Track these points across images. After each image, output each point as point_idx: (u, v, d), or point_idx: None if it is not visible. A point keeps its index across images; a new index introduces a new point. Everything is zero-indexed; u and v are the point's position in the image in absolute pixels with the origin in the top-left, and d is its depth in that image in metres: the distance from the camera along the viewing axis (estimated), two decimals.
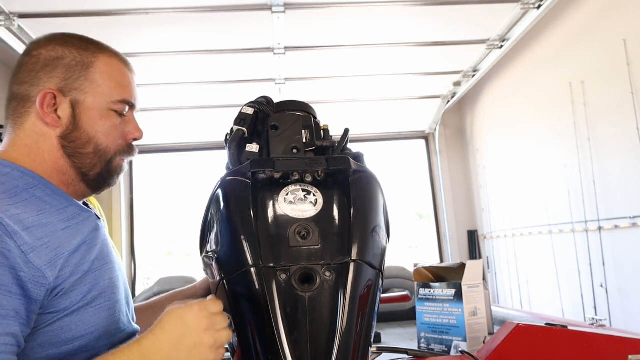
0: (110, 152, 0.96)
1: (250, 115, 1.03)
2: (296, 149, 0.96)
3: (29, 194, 0.85)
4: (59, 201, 0.90)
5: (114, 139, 0.96)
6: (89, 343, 0.84)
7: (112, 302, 0.91)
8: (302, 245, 0.82)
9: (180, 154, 4.52)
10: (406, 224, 5.96)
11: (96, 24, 2.41)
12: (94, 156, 0.94)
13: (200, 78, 3.18)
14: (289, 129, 0.99)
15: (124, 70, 1.01)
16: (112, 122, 0.95)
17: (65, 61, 0.92)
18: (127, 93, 0.98)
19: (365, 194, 0.91)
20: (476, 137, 4.23)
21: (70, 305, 0.82)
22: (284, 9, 2.38)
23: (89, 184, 0.96)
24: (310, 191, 0.89)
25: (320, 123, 1.10)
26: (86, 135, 0.92)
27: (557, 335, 0.97)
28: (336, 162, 0.91)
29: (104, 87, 0.94)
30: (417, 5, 2.50)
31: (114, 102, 0.95)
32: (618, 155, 2.48)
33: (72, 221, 0.89)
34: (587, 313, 2.72)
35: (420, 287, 1.39)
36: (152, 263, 6.24)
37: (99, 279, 0.89)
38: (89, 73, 0.93)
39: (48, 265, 0.79)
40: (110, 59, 0.98)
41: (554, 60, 3.01)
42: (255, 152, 0.97)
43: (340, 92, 3.58)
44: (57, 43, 0.94)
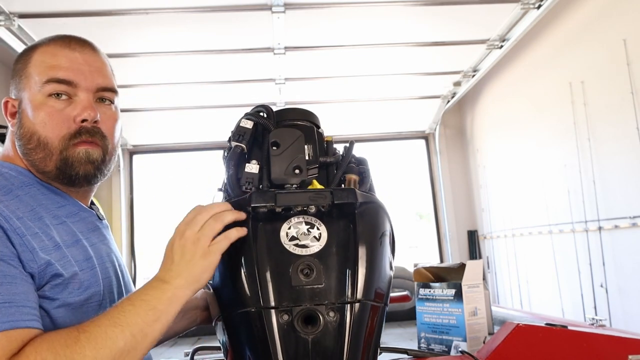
0: (53, 140, 0.88)
1: (250, 130, 0.96)
2: (298, 169, 0.90)
3: (23, 192, 0.87)
4: (55, 200, 0.91)
5: (53, 127, 0.88)
6: None
7: (107, 302, 0.92)
8: (304, 284, 0.79)
9: (180, 154, 4.52)
10: (406, 224, 5.95)
11: (96, 24, 2.41)
12: (39, 150, 0.89)
13: (200, 78, 3.18)
14: (291, 146, 0.92)
15: (62, 52, 0.92)
16: (49, 109, 0.89)
17: (17, 66, 0.94)
18: (57, 72, 0.89)
19: (372, 228, 0.87)
20: (476, 137, 4.24)
21: (66, 297, 0.84)
22: (284, 9, 2.38)
23: (56, 180, 0.91)
24: (313, 224, 0.84)
25: (324, 132, 1.04)
26: (27, 131, 0.89)
27: (557, 335, 0.97)
28: (341, 196, 0.85)
29: (34, 77, 0.90)
30: (417, 5, 2.50)
31: (43, 85, 0.89)
32: (618, 155, 2.48)
33: (68, 219, 0.90)
34: (587, 313, 2.72)
35: (420, 287, 1.39)
36: (152, 263, 6.24)
37: (95, 278, 0.90)
38: (27, 69, 0.91)
39: (41, 250, 0.81)
40: (47, 47, 0.92)
41: (554, 60, 3.01)
42: (255, 173, 0.91)
43: (340, 92, 3.59)
44: (22, 54, 0.95)
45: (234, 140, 0.97)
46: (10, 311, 0.73)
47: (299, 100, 3.60)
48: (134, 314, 0.76)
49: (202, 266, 0.80)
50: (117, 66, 1.11)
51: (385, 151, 4.91)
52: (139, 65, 2.92)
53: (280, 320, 0.77)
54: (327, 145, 1.00)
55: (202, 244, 0.80)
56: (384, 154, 4.95)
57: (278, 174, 0.90)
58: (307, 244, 0.82)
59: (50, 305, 0.82)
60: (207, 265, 0.80)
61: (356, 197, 0.85)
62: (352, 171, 0.97)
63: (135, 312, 0.76)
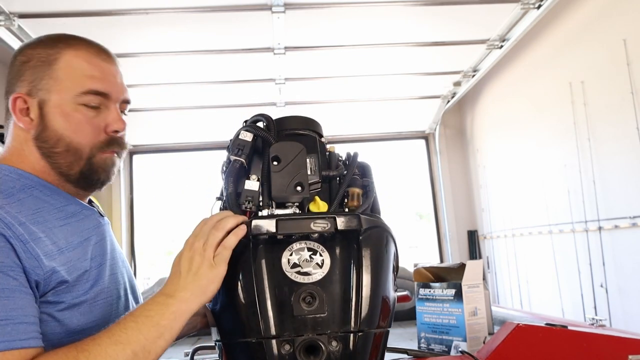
0: (85, 148, 0.92)
1: (249, 143, 0.93)
2: (300, 185, 0.87)
3: (25, 194, 0.87)
4: (58, 200, 0.91)
5: (85, 134, 0.91)
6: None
7: (113, 297, 0.93)
8: (306, 313, 0.77)
9: (180, 154, 4.52)
10: (406, 224, 5.95)
11: (96, 24, 2.41)
12: (67, 154, 0.91)
13: (200, 78, 3.18)
14: (292, 161, 0.89)
15: (95, 60, 0.95)
16: (81, 116, 0.91)
17: (31, 63, 0.92)
18: (94, 83, 0.92)
19: (376, 255, 0.84)
20: (476, 137, 4.24)
21: (71, 299, 0.83)
22: (284, 9, 2.38)
23: (74, 183, 0.94)
24: (316, 250, 0.82)
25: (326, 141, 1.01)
26: (55, 134, 0.90)
27: (557, 335, 0.97)
28: (346, 222, 0.82)
29: (67, 82, 0.91)
30: (417, 5, 2.50)
31: (80, 95, 0.91)
32: (618, 155, 2.48)
33: (71, 219, 0.90)
34: (587, 313, 2.72)
35: (420, 287, 1.39)
36: (152, 263, 6.24)
37: (101, 274, 0.90)
38: (52, 71, 0.91)
39: (45, 257, 0.80)
40: (77, 52, 0.93)
41: (554, 60, 3.01)
42: (255, 191, 0.88)
43: (340, 92, 3.58)
44: (29, 46, 0.94)
45: (233, 154, 0.93)
46: (6, 330, 0.72)
47: (299, 100, 3.60)
48: (136, 330, 0.75)
49: (208, 278, 0.79)
50: None
51: (385, 151, 4.91)
52: (139, 65, 2.92)
53: (282, 351, 0.75)
54: (330, 156, 0.97)
55: (207, 255, 0.80)
56: (384, 154, 4.95)
57: (279, 191, 0.87)
58: (310, 272, 0.80)
59: (55, 308, 0.82)
60: (213, 276, 0.79)
61: (360, 224, 0.83)
62: (355, 184, 0.94)
63: (138, 329, 0.75)
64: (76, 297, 0.84)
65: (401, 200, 5.38)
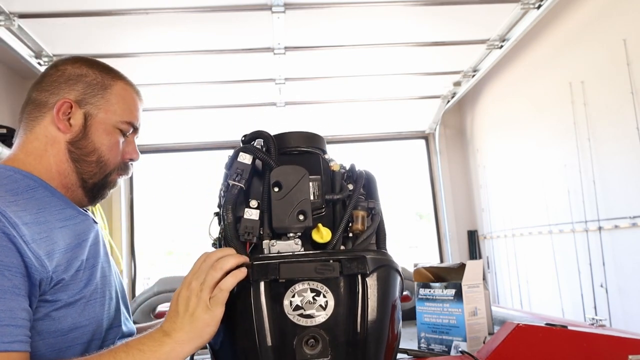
0: (110, 165, 1.05)
1: (249, 166, 0.89)
2: (303, 214, 0.84)
3: (29, 195, 0.91)
4: (57, 203, 0.96)
5: (114, 155, 1.06)
6: (83, 335, 0.90)
7: (105, 298, 0.96)
8: (309, 357, 0.75)
9: (180, 154, 4.52)
10: (406, 224, 5.95)
11: (96, 24, 2.41)
12: (96, 165, 1.03)
13: (200, 78, 3.18)
14: (295, 187, 0.85)
15: (135, 98, 1.11)
16: (116, 139, 1.05)
17: (88, 79, 1.04)
18: (134, 117, 1.09)
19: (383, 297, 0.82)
20: (476, 137, 4.23)
21: (67, 298, 0.87)
22: (284, 9, 2.38)
23: (86, 191, 1.03)
24: (319, 291, 0.79)
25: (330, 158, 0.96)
26: (92, 145, 1.02)
27: (557, 335, 0.97)
28: (351, 267, 0.79)
29: (116, 107, 1.05)
30: (417, 5, 2.50)
31: (122, 122, 1.05)
32: (618, 155, 2.48)
33: (69, 221, 0.95)
34: (587, 313, 2.72)
35: (420, 287, 1.39)
36: (152, 263, 6.24)
37: (94, 275, 0.94)
38: (106, 93, 1.04)
39: (46, 257, 0.84)
40: (127, 86, 1.09)
41: (554, 60, 3.01)
42: (255, 220, 0.85)
43: (340, 92, 3.58)
44: (84, 63, 1.06)
45: (232, 179, 0.89)
46: None
47: (299, 100, 3.60)
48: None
49: (204, 321, 0.78)
50: (117, 66, 1.13)
51: (385, 151, 4.91)
52: (139, 65, 2.92)
53: None
54: (334, 176, 0.93)
55: (203, 297, 0.79)
56: (384, 154, 4.95)
57: (280, 221, 0.84)
58: (313, 314, 0.78)
59: (52, 307, 0.85)
60: (209, 319, 0.78)
61: (366, 267, 0.80)
62: (360, 206, 0.91)
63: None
64: (71, 296, 0.87)
65: (401, 200, 5.38)
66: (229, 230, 0.86)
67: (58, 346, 0.86)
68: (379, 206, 0.94)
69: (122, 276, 3.99)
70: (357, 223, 0.90)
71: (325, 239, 0.86)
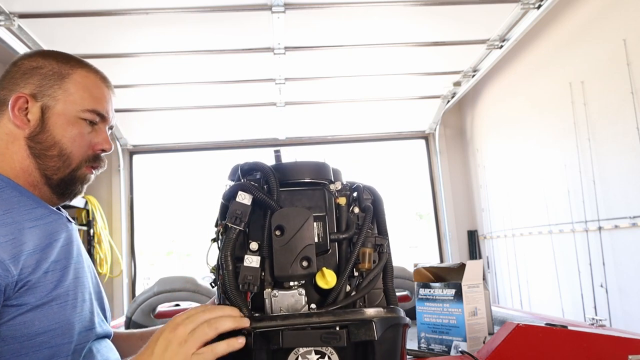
0: (75, 158, 1.00)
1: (249, 208, 0.83)
2: (307, 260, 0.80)
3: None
4: (27, 202, 0.94)
5: (79, 146, 1.00)
6: (51, 339, 0.87)
7: (77, 300, 0.93)
8: None
9: (180, 154, 4.52)
10: (406, 224, 5.96)
11: (96, 24, 2.41)
12: (58, 159, 0.98)
13: (200, 78, 3.18)
14: (298, 232, 0.80)
15: (100, 84, 1.05)
16: (80, 130, 1.00)
17: (43, 70, 1.00)
18: (98, 104, 1.02)
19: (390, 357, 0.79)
20: (476, 137, 4.23)
21: (35, 301, 0.84)
22: (284, 9, 2.38)
23: (52, 188, 0.99)
24: (324, 353, 0.77)
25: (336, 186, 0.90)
26: (52, 139, 0.97)
27: (557, 335, 0.97)
28: (358, 334, 0.76)
29: (75, 96, 1.00)
30: (417, 5, 2.50)
31: (84, 111, 1.00)
32: (618, 155, 2.48)
33: (39, 221, 0.93)
34: (587, 313, 2.72)
35: (420, 287, 1.39)
36: (152, 263, 6.24)
37: (64, 277, 0.91)
38: (64, 83, 1.00)
39: (12, 260, 0.82)
40: (88, 73, 1.03)
41: (554, 60, 3.01)
42: (256, 268, 0.80)
43: (340, 92, 3.58)
44: (40, 55, 1.02)
45: (230, 222, 0.83)
46: None
47: (299, 100, 3.60)
48: None
49: None
50: (117, 66, 1.14)
51: (385, 151, 4.91)
52: (139, 65, 2.92)
53: None
54: (340, 212, 0.88)
55: (186, 349, 0.74)
56: (384, 154, 4.95)
57: (283, 270, 0.80)
58: None
59: (19, 311, 0.83)
60: None
61: (375, 333, 0.76)
62: (368, 243, 0.87)
63: None
64: (39, 299, 0.85)
65: (401, 200, 5.38)
66: (228, 280, 0.81)
67: (23, 351, 0.83)
68: (388, 241, 0.90)
69: (122, 276, 3.99)
70: (364, 261, 0.86)
71: (330, 284, 0.83)
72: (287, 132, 4.18)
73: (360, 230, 0.87)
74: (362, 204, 0.92)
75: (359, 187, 0.93)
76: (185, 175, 5.48)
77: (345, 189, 0.92)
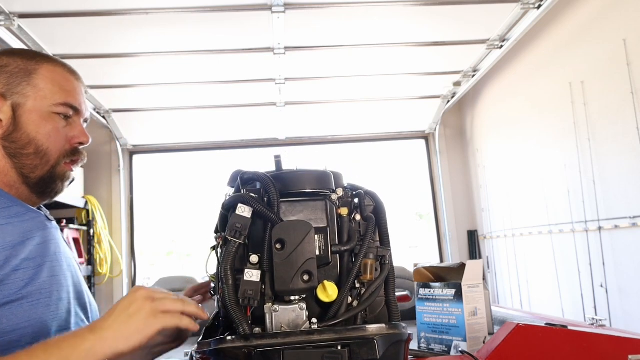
0: (52, 154, 0.98)
1: (249, 220, 0.82)
2: (308, 274, 0.79)
3: None
4: (1, 201, 0.93)
5: (55, 142, 0.98)
6: (21, 338, 0.85)
7: (52, 299, 0.91)
8: None
9: (180, 154, 4.52)
10: (406, 224, 5.96)
11: (96, 24, 2.41)
12: (35, 157, 0.96)
13: (200, 78, 3.18)
14: (299, 246, 0.79)
15: (69, 77, 1.03)
16: (54, 124, 0.98)
17: (9, 68, 0.98)
18: (70, 97, 1.00)
19: None
20: (476, 137, 4.24)
21: (2, 298, 0.83)
22: (284, 9, 2.38)
23: (31, 187, 0.98)
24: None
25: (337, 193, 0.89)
26: (26, 136, 0.95)
27: (557, 335, 0.97)
28: (361, 352, 0.75)
29: (45, 91, 0.98)
30: (417, 5, 2.50)
31: (56, 105, 0.98)
32: (618, 155, 2.48)
33: (14, 219, 0.92)
34: (587, 313, 2.72)
35: (420, 287, 1.39)
36: (152, 263, 6.24)
37: (38, 275, 0.90)
38: (31, 79, 0.98)
39: None
40: (55, 67, 1.01)
41: (554, 60, 3.01)
42: (256, 282, 0.79)
43: (340, 92, 3.58)
44: (4, 54, 1.00)
45: (230, 235, 0.81)
46: None
47: (299, 100, 3.60)
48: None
49: (137, 326, 0.74)
50: (117, 66, 1.13)
51: (385, 151, 4.91)
52: (139, 65, 2.92)
53: None
54: (342, 223, 0.87)
55: (153, 305, 0.75)
56: (384, 154, 4.95)
57: (284, 284, 0.78)
58: None
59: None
60: (144, 327, 0.74)
61: (377, 352, 0.75)
62: (370, 254, 0.86)
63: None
64: (7, 297, 0.84)
65: (401, 200, 5.38)
66: (228, 294, 0.80)
67: None
68: (390, 252, 0.89)
69: (122, 276, 3.99)
70: (366, 273, 0.85)
71: (332, 298, 0.82)
72: (287, 132, 4.18)
73: (362, 242, 0.86)
74: (364, 213, 0.91)
75: (360, 194, 0.92)
76: (185, 175, 5.48)
77: (346, 195, 0.91)
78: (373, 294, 0.86)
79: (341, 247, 0.86)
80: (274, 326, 0.81)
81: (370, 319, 0.88)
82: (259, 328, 0.82)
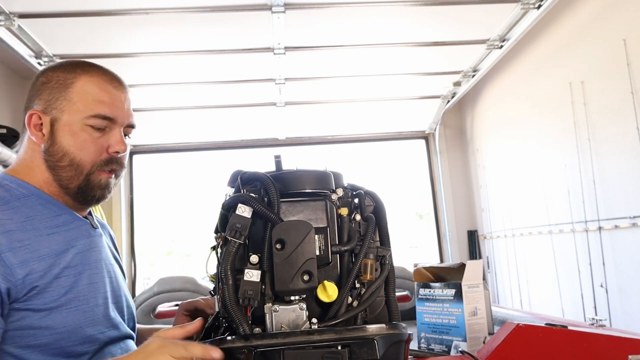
0: (86, 164, 1.02)
1: (249, 221, 0.82)
2: (308, 274, 0.80)
3: (20, 203, 0.95)
4: (51, 210, 0.99)
5: (89, 152, 1.02)
6: (57, 342, 0.90)
7: (89, 305, 0.96)
8: None
9: (180, 154, 4.52)
10: (406, 224, 5.96)
11: (96, 24, 2.41)
12: (70, 169, 1.01)
13: (200, 78, 3.18)
14: (299, 246, 0.79)
15: (106, 87, 1.05)
16: (87, 136, 1.02)
17: (50, 84, 1.03)
18: (103, 108, 1.03)
19: None
20: (476, 137, 4.24)
21: (43, 304, 0.88)
22: (284, 9, 2.38)
23: (72, 196, 1.03)
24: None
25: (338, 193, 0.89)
26: (61, 149, 1.01)
27: (557, 335, 0.97)
28: (361, 352, 0.75)
29: (79, 104, 1.02)
30: (417, 5, 2.50)
31: (88, 117, 1.01)
32: (618, 155, 2.48)
33: (60, 228, 0.97)
34: (587, 313, 2.72)
35: (420, 287, 1.39)
36: (152, 263, 6.24)
37: (77, 282, 0.95)
38: (68, 93, 1.02)
39: (20, 265, 0.86)
40: (92, 78, 1.04)
41: (554, 60, 3.01)
42: (256, 282, 0.79)
43: (340, 92, 3.58)
44: (50, 69, 1.06)
45: (230, 235, 0.82)
46: None
47: (299, 100, 3.60)
48: None
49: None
50: (117, 66, 1.14)
51: (385, 151, 4.91)
52: (139, 65, 2.92)
53: None
54: (342, 223, 0.87)
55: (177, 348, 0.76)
56: (384, 154, 4.96)
57: (284, 284, 0.79)
58: None
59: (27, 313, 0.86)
60: None
61: (377, 352, 0.76)
62: (370, 254, 0.86)
63: None
64: (47, 303, 0.88)
65: (401, 200, 5.38)
66: (227, 294, 0.80)
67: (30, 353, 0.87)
68: (390, 252, 0.89)
69: None
70: (366, 273, 0.85)
71: (332, 298, 0.83)
72: (287, 132, 4.18)
73: (362, 242, 0.87)
74: (364, 213, 0.91)
75: (360, 195, 0.92)
76: (185, 175, 5.48)
77: (346, 195, 0.91)
78: (373, 294, 0.86)
79: (341, 247, 0.86)
80: (274, 326, 0.81)
81: (370, 319, 0.88)
82: (259, 328, 0.82)
